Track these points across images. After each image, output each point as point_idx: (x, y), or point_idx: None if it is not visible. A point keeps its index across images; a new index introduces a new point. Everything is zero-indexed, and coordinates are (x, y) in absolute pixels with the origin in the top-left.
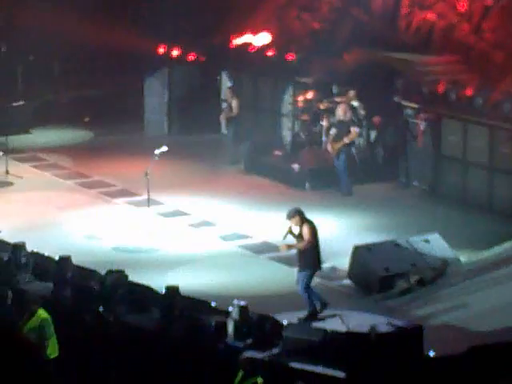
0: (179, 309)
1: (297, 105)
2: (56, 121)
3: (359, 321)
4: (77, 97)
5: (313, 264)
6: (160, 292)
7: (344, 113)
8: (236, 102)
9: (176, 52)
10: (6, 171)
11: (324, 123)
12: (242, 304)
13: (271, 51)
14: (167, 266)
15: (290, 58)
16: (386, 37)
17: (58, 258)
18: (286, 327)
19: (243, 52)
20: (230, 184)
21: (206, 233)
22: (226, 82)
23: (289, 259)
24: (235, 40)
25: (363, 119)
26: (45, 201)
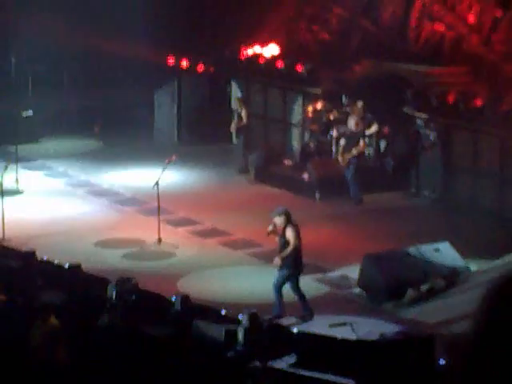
0: (189, 316)
1: (306, 115)
2: (66, 130)
3: (369, 329)
4: (86, 107)
5: (293, 265)
6: (170, 300)
7: (356, 125)
8: (245, 111)
9: (185, 63)
10: (16, 180)
11: (334, 133)
12: (253, 312)
13: (280, 62)
14: (177, 274)
15: (299, 68)
16: (396, 48)
17: (69, 265)
18: (296, 335)
19: (253, 63)
20: (239, 193)
21: (216, 241)
22: (236, 92)
23: None
24: (245, 51)
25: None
26: (55, 209)
